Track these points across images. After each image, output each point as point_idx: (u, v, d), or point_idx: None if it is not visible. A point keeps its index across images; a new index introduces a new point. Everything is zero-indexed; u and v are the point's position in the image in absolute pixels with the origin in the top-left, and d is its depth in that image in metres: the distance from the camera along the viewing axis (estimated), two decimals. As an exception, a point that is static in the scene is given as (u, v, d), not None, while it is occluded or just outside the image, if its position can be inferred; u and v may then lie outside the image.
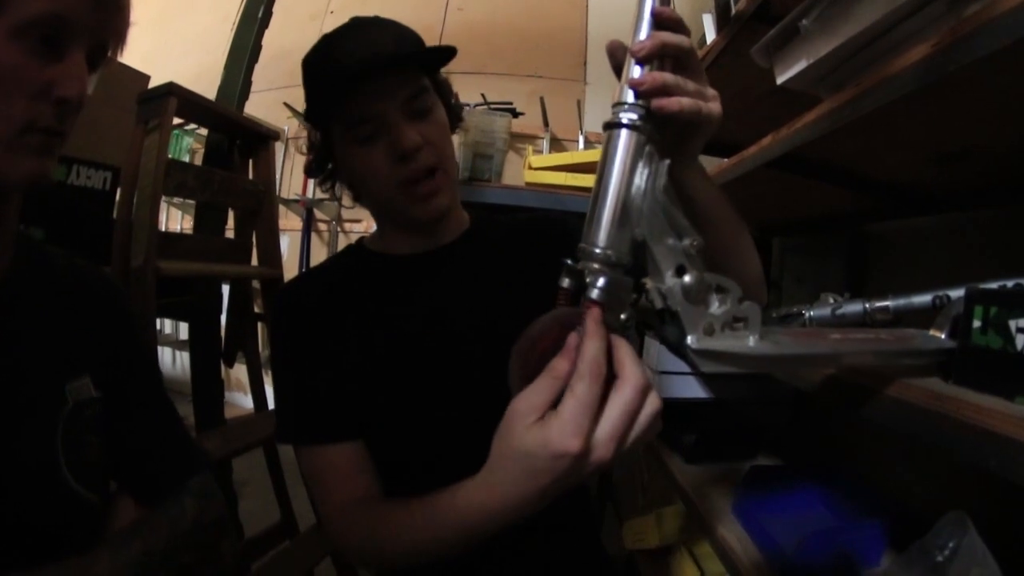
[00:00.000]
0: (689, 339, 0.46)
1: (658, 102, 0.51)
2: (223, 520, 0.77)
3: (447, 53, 0.79)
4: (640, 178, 0.49)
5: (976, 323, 0.54)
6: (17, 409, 0.59)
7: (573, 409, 0.48)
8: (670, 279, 0.47)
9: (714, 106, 0.56)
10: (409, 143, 0.74)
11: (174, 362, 4.73)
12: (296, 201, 4.31)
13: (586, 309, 0.50)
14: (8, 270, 0.62)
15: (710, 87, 0.57)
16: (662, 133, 0.52)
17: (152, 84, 1.79)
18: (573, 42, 4.21)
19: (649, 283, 0.50)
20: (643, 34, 0.52)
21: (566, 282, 0.53)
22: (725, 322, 0.47)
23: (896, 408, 0.56)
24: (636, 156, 0.50)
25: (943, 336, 0.60)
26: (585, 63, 4.18)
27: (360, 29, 0.77)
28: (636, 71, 0.52)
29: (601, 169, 0.50)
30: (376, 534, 0.73)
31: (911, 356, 0.59)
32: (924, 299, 0.73)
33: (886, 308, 0.78)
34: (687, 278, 0.46)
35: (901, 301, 0.77)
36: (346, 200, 0.93)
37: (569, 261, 0.52)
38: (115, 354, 0.72)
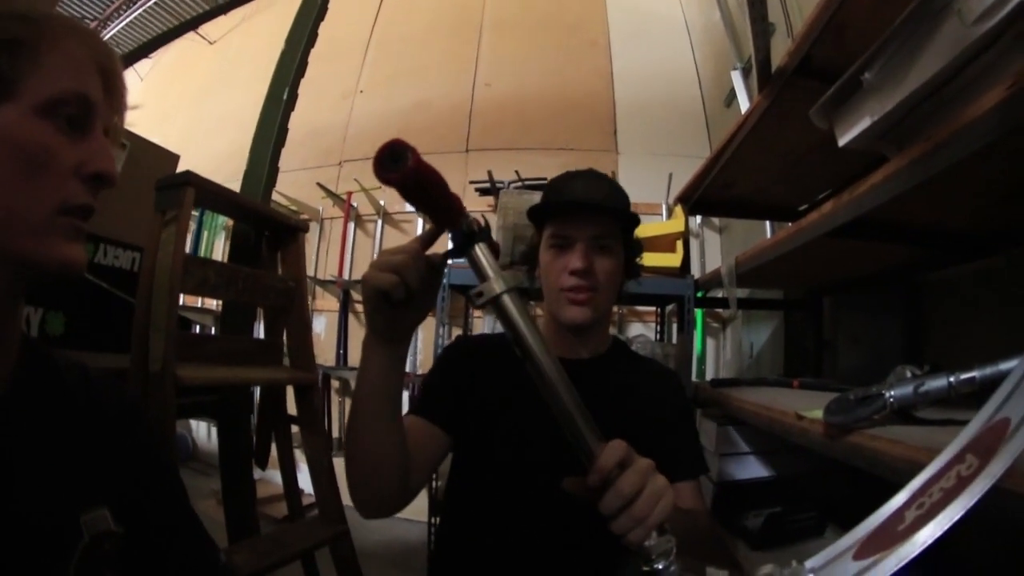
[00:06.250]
0: None
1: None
2: None
3: (633, 220, 1.04)
4: None
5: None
6: (20, 544, 0.52)
7: None
8: None
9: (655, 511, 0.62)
10: (577, 264, 0.97)
11: (209, 436, 4.65)
12: (333, 282, 4.31)
13: None
14: (10, 380, 0.56)
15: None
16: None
17: (186, 162, 1.76)
18: (602, 112, 4.25)
19: None
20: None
21: None
22: None
23: (989, 495, 0.47)
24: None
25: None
26: (615, 132, 4.20)
27: (588, 176, 1.05)
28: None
29: None
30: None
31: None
32: (1011, 364, 0.66)
33: (972, 379, 0.70)
34: None
35: (988, 370, 0.69)
36: None
37: None
38: (136, 482, 0.65)
